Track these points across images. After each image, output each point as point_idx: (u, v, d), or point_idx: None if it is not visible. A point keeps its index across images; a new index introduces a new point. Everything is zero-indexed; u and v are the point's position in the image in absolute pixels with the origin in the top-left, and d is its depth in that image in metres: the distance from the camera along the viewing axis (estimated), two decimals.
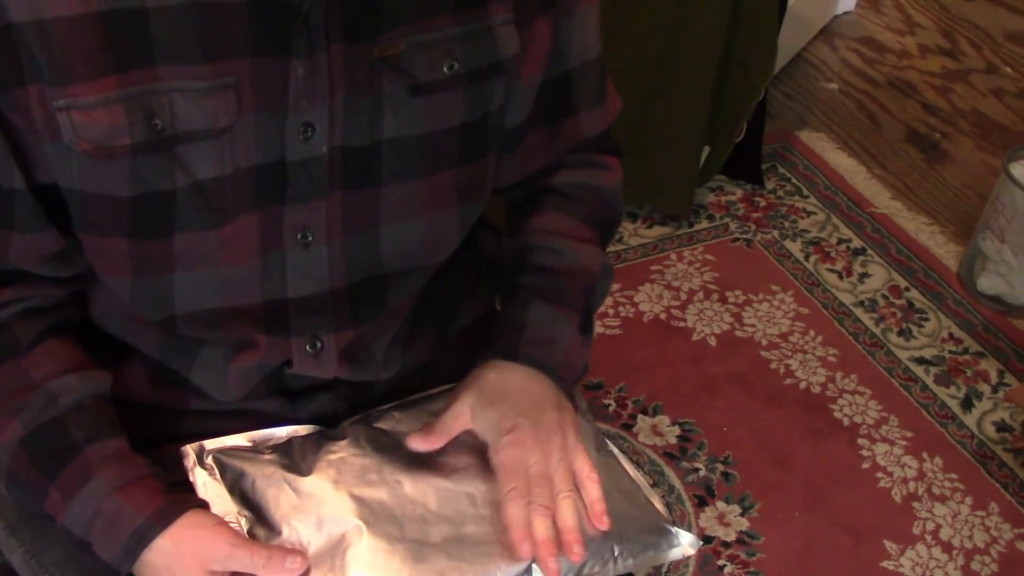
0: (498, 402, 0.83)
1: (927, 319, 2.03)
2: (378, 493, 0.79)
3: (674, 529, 0.83)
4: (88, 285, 0.84)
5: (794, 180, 2.32)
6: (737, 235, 2.17)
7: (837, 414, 1.83)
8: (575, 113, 0.92)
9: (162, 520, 0.76)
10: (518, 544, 0.77)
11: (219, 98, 0.72)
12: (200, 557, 0.75)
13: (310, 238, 0.79)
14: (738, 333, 1.96)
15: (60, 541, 0.88)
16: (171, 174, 0.73)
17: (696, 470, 1.72)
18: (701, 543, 0.85)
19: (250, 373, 0.84)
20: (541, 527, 0.77)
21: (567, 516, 0.79)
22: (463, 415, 0.84)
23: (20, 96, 0.70)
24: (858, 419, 1.83)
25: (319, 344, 0.83)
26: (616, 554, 0.80)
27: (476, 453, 0.83)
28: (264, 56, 0.72)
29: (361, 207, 0.80)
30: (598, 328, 1.93)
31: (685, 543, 0.83)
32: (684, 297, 2.02)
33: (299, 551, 0.75)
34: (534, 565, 0.77)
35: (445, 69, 0.78)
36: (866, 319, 2.01)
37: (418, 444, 0.83)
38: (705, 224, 2.19)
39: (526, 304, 0.89)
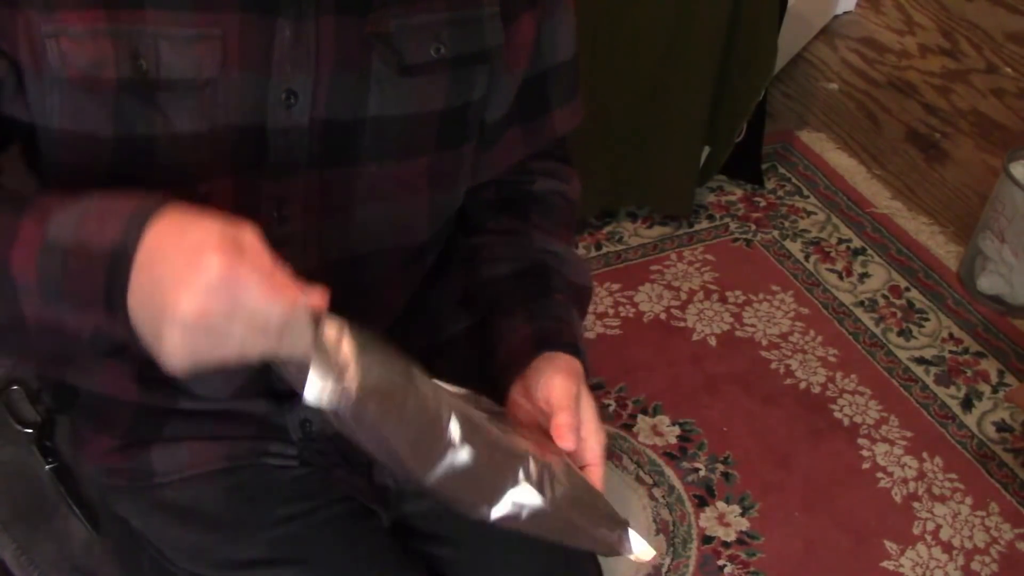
0: (585, 393, 0.84)
1: (927, 319, 2.03)
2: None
3: (630, 531, 0.82)
4: None
5: (794, 180, 2.33)
6: (737, 235, 2.17)
7: (837, 414, 1.83)
8: (549, 111, 0.94)
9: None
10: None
11: (204, 48, 0.72)
12: (224, 228, 0.63)
13: (286, 213, 0.79)
14: (738, 333, 1.96)
15: (51, 538, 0.88)
16: (152, 120, 0.73)
17: (696, 470, 1.72)
18: (654, 553, 0.84)
19: (235, 370, 0.83)
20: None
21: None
22: (573, 403, 0.82)
23: (8, 19, 0.70)
24: (858, 419, 1.83)
25: None
26: (574, 521, 0.77)
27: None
28: (252, 12, 0.73)
29: (337, 184, 0.80)
30: (598, 328, 1.93)
31: (637, 550, 0.82)
32: (684, 297, 2.02)
33: (321, 290, 0.67)
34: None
35: (432, 52, 0.79)
36: (866, 319, 2.01)
37: (569, 444, 0.81)
38: (705, 224, 2.19)
39: (568, 308, 0.91)
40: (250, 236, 0.63)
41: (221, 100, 0.74)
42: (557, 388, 0.81)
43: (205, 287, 0.60)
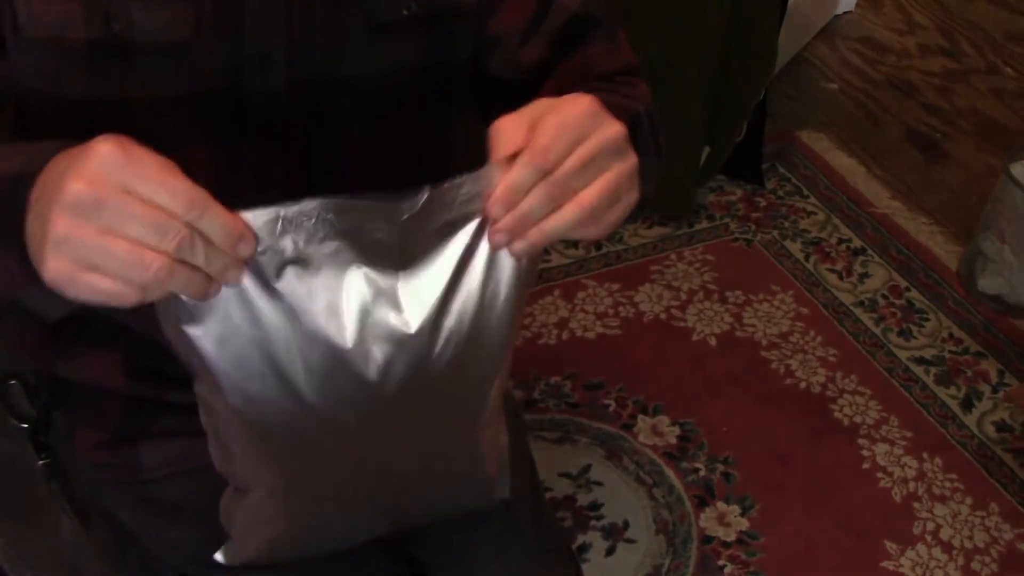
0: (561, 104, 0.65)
1: (927, 319, 2.03)
2: None
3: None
4: None
5: (794, 180, 2.32)
6: (737, 235, 2.17)
7: (837, 414, 1.83)
8: (584, 46, 0.87)
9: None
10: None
11: (177, 9, 0.71)
12: (128, 152, 0.55)
13: (269, 182, 0.78)
14: (738, 333, 1.96)
15: (41, 533, 0.88)
16: (127, 83, 0.72)
17: (696, 470, 1.72)
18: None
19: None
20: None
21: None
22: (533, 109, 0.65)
23: None
24: (858, 419, 1.82)
25: None
26: None
27: None
28: None
29: (320, 150, 0.79)
30: (598, 328, 1.93)
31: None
32: (684, 297, 2.02)
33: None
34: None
35: (404, 11, 0.78)
36: (866, 319, 2.01)
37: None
38: (705, 224, 2.19)
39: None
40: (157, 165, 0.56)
41: (196, 63, 0.73)
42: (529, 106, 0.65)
43: (96, 164, 0.54)
